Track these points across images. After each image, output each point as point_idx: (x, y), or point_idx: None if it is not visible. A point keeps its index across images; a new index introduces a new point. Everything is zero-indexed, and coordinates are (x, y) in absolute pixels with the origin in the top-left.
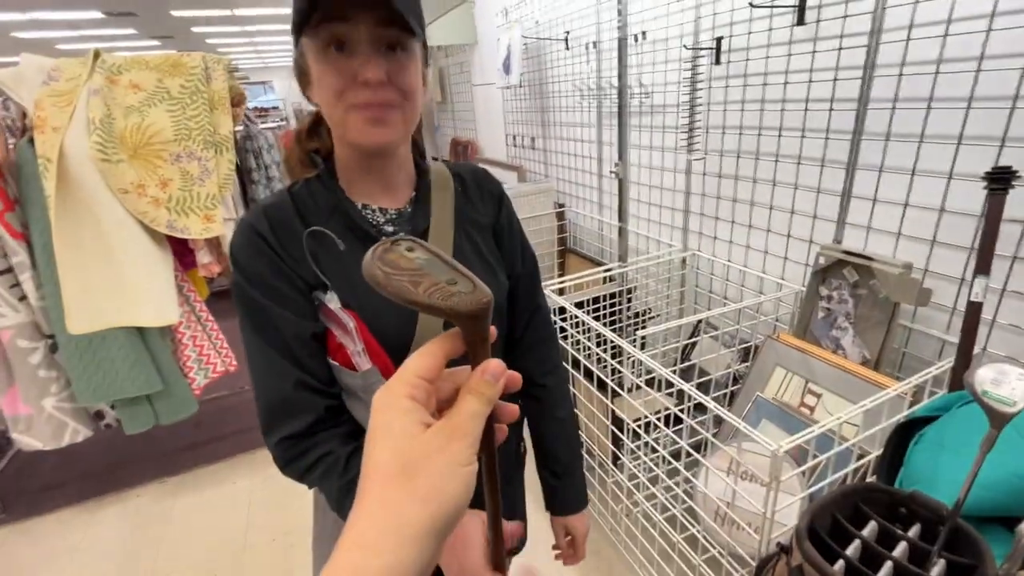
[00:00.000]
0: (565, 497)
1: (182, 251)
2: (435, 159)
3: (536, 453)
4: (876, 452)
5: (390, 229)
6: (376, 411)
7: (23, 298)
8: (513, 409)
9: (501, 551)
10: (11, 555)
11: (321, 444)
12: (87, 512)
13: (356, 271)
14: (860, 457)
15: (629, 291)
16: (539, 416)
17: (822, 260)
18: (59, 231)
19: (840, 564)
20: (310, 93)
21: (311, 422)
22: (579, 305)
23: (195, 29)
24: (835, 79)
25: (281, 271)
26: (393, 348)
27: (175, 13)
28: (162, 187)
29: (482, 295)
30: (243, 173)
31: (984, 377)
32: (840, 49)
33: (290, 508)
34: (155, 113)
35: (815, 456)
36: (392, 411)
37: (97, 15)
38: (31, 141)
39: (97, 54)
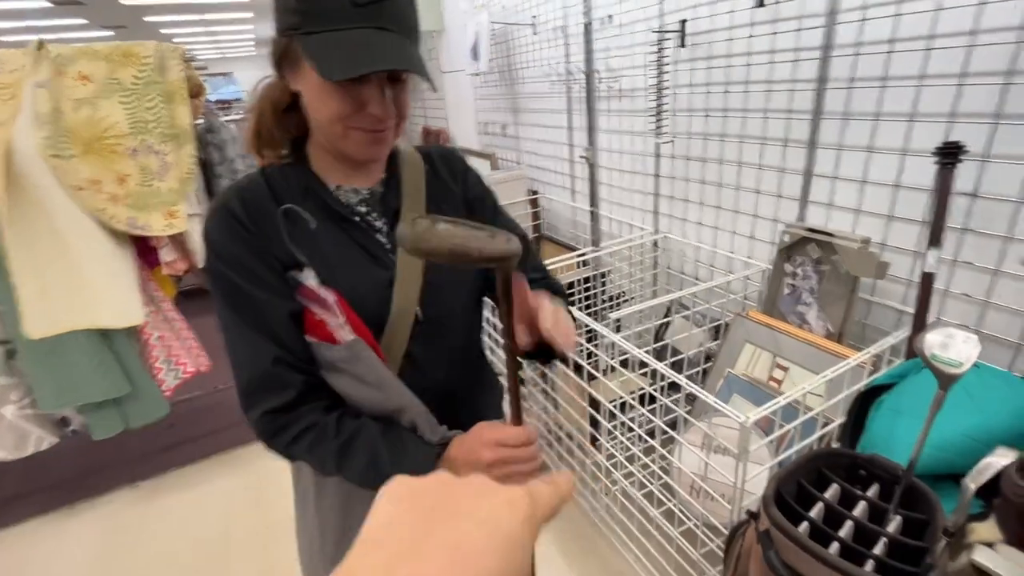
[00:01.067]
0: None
1: (146, 249)
2: None
3: None
4: (840, 420)
5: (363, 209)
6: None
7: None
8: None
9: (520, 413)
10: None
11: (304, 416)
12: (57, 521)
13: (331, 249)
14: (825, 425)
15: (603, 275)
16: None
17: (787, 238)
18: (11, 232)
19: (804, 525)
20: (291, 81)
21: (293, 397)
22: None
23: (147, 18)
24: (795, 60)
25: (256, 252)
26: (371, 321)
27: (125, 2)
28: (119, 183)
29: (513, 238)
30: (207, 167)
31: (932, 341)
32: (799, 30)
33: (271, 504)
34: (108, 105)
35: (782, 426)
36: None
37: (44, 4)
38: None
39: (41, 44)
